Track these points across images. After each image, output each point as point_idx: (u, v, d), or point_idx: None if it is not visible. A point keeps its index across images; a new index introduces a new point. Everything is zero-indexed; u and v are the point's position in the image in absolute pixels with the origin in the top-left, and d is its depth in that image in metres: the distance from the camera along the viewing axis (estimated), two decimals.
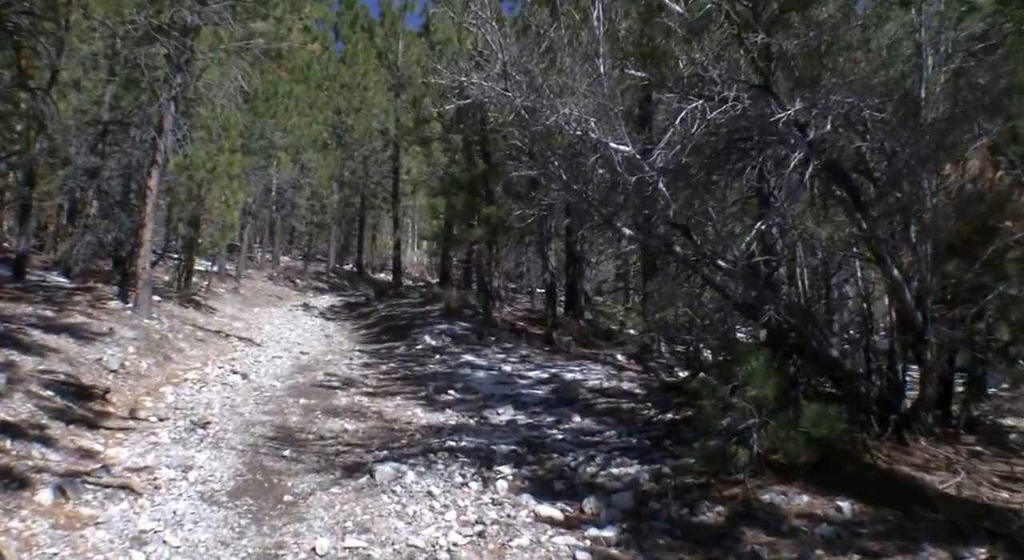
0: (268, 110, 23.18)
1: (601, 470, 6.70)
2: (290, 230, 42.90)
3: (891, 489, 5.75)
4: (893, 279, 6.45)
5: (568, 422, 8.45)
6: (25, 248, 15.26)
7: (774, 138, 5.95)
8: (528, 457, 7.13)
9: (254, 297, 24.46)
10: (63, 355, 9.14)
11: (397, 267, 28.96)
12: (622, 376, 11.21)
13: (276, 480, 6.41)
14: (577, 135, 5.59)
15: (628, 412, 8.88)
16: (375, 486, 6.28)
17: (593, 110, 5.50)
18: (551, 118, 5.53)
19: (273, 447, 7.34)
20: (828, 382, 7.22)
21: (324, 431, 8.13)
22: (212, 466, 6.58)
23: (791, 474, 6.03)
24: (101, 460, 6.36)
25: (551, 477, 6.61)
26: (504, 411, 9.03)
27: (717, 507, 5.71)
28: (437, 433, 8.04)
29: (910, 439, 6.53)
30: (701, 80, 5.82)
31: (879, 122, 5.58)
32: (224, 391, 9.79)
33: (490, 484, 6.35)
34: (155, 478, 6.08)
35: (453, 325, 16.40)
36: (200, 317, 16.54)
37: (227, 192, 18.85)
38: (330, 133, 33.17)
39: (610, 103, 5.60)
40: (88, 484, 5.65)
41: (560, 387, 10.12)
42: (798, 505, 5.64)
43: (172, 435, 7.47)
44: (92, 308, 12.48)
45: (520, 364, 12.27)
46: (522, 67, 5.87)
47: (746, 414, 5.92)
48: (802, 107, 5.04)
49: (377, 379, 11.44)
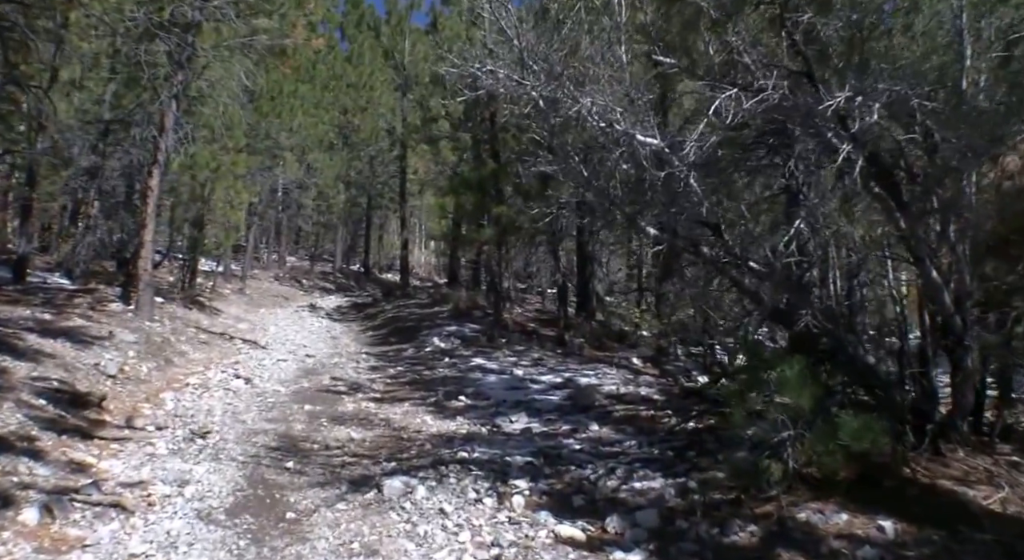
0: (273, 110, 22.85)
1: (622, 484, 6.31)
2: (296, 230, 42.70)
3: (933, 506, 5.38)
4: (932, 281, 6.08)
5: (585, 431, 8.06)
6: (26, 249, 14.95)
7: (811, 131, 5.55)
8: (545, 469, 6.73)
9: (260, 298, 24.15)
10: (59, 360, 8.78)
11: (404, 267, 28.60)
12: (639, 380, 10.81)
13: (278, 495, 6.03)
14: (601, 127, 5.18)
15: (647, 420, 8.48)
16: (383, 502, 5.89)
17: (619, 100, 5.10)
18: (573, 108, 5.12)
19: (276, 458, 6.96)
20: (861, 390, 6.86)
21: (330, 440, 7.76)
22: (210, 480, 6.20)
23: (827, 489, 5.63)
24: (93, 474, 5.98)
25: (570, 492, 6.21)
26: (517, 418, 8.64)
27: (750, 526, 5.31)
28: (448, 443, 7.66)
29: (946, 449, 6.15)
30: (733, 67, 5.42)
31: (928, 112, 5.16)
32: (226, 397, 9.42)
33: (506, 500, 5.95)
34: (149, 494, 5.69)
35: (462, 327, 16.02)
36: (204, 319, 16.20)
37: (231, 192, 18.54)
38: (336, 133, 32.85)
39: (637, 92, 5.21)
40: (77, 502, 5.27)
41: (575, 393, 9.72)
42: (836, 524, 5.25)
43: (170, 445, 7.09)
44: (92, 310, 12.14)
45: (532, 368, 11.88)
46: (540, 54, 5.46)
47: (779, 426, 5.52)
48: (851, 94, 4.61)
49: (385, 384, 11.06)
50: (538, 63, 5.46)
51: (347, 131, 33.70)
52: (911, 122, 5.87)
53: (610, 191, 5.79)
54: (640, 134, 5.14)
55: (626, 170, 5.50)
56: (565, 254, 18.71)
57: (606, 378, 10.85)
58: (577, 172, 5.75)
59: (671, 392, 9.96)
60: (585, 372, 11.34)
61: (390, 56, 28.59)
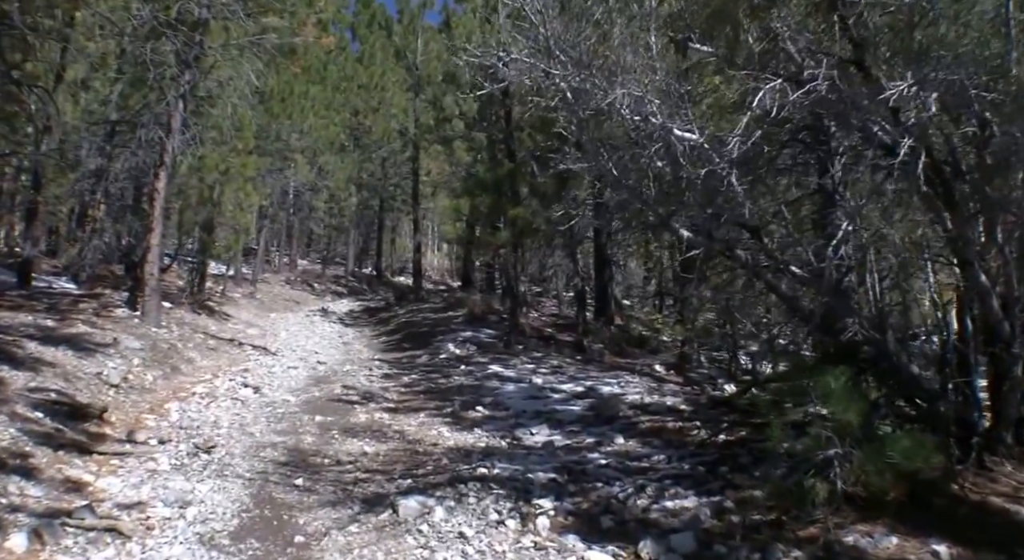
0: (284, 111, 22.52)
1: (653, 503, 5.89)
2: (308, 233, 42.52)
3: (988, 526, 5.03)
4: (979, 284, 5.72)
5: (610, 444, 7.63)
6: (31, 253, 14.64)
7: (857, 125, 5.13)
8: (569, 487, 6.30)
9: (270, 302, 23.82)
10: (59, 369, 8.42)
11: (417, 271, 28.20)
12: (663, 389, 10.38)
13: (286, 516, 5.63)
14: (636, 120, 4.76)
15: (675, 432, 8.05)
16: (398, 524, 5.49)
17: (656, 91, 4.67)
18: (605, 101, 4.68)
19: (284, 474, 6.56)
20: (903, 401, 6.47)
21: (341, 454, 7.36)
22: (214, 500, 5.80)
23: (875, 510, 5.24)
24: (89, 494, 5.60)
25: (597, 511, 5.80)
26: (538, 431, 8.22)
27: (794, 551, 4.91)
28: (466, 457, 7.24)
29: (991, 463, 5.77)
30: (775, 57, 5.00)
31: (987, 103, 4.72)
32: (234, 407, 9.04)
33: (530, 521, 5.54)
34: (148, 517, 5.30)
35: (478, 332, 15.61)
36: (213, 324, 15.86)
37: (241, 195, 18.17)
38: (347, 135, 32.51)
39: (675, 83, 4.79)
40: (69, 526, 4.88)
41: (598, 403, 9.27)
42: (887, 548, 4.87)
43: (173, 461, 6.70)
44: (97, 316, 11.78)
45: (551, 376, 11.44)
46: (568, 42, 5.03)
47: (823, 442, 5.11)
48: (913, 83, 4.19)
49: (398, 392, 10.66)
50: (565, 52, 5.04)
51: (359, 132, 33.38)
52: (962, 114, 5.48)
53: (642, 191, 5.36)
54: (678, 128, 4.71)
55: (661, 168, 5.07)
56: (582, 257, 18.32)
57: (629, 387, 10.42)
58: (607, 170, 5.32)
59: (698, 401, 9.53)
60: (607, 380, 10.91)
61: (402, 56, 28.24)
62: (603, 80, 4.82)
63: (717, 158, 4.69)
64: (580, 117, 5.30)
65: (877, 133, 5.24)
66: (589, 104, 4.96)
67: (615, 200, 6.43)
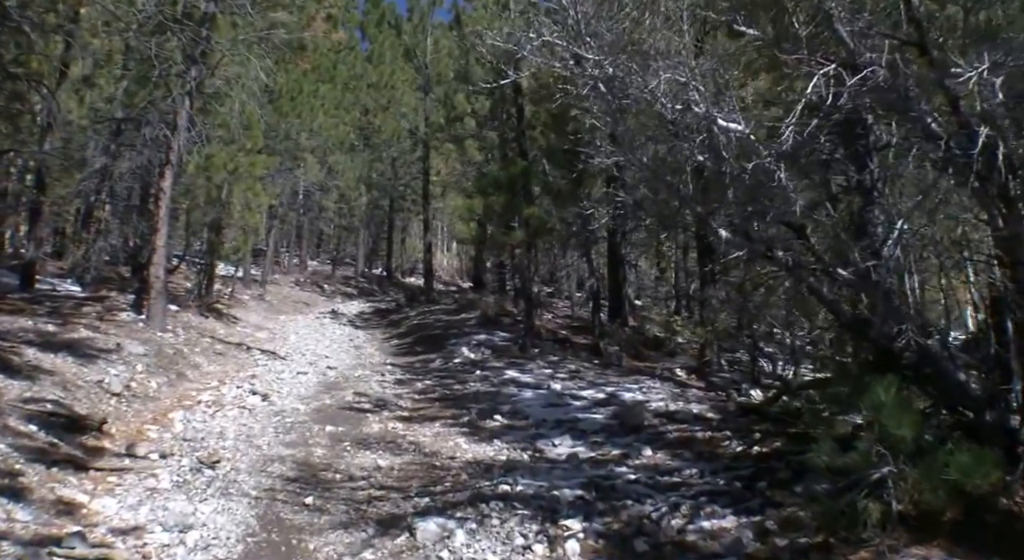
0: (293, 110, 22.16)
1: (689, 523, 5.48)
2: (318, 233, 42.17)
3: None
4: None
5: (638, 456, 7.20)
6: (34, 255, 14.27)
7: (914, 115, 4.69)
8: (598, 505, 5.86)
9: (280, 304, 23.45)
10: (58, 378, 8.04)
11: (428, 271, 27.80)
12: (687, 395, 9.93)
13: (295, 540, 5.23)
14: (677, 109, 4.32)
15: (705, 442, 7.62)
16: (416, 550, 5.08)
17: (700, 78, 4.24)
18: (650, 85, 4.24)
19: (293, 492, 6.16)
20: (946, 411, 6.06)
21: (354, 469, 6.94)
22: (218, 522, 5.38)
23: (928, 530, 4.83)
24: (82, 517, 5.19)
25: (629, 533, 5.38)
26: (561, 442, 7.80)
27: None
28: (487, 472, 6.80)
29: None
30: (825, 41, 4.56)
31: None
32: (241, 416, 8.63)
33: (558, 546, 5.12)
34: (144, 544, 4.87)
35: (492, 335, 15.17)
36: (220, 328, 15.48)
37: (250, 194, 17.77)
38: (357, 134, 32.18)
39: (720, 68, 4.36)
40: (57, 556, 4.47)
41: (621, 410, 8.82)
42: None
43: (174, 477, 6.29)
44: (100, 321, 11.40)
45: (570, 381, 11.00)
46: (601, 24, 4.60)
47: (874, 458, 4.70)
48: (989, 66, 3.75)
49: (412, 400, 10.23)
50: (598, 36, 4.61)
51: (368, 132, 33.00)
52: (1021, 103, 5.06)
53: (679, 187, 4.91)
54: (722, 118, 4.28)
55: (702, 162, 4.63)
56: (596, 257, 17.90)
57: (651, 392, 9.98)
58: (643, 164, 4.88)
59: (725, 409, 9.09)
60: (627, 385, 10.48)
61: (412, 55, 27.93)
62: (640, 66, 4.40)
63: (764, 151, 4.26)
64: (614, 107, 4.87)
65: (930, 124, 4.82)
66: (626, 92, 4.53)
67: (648, 198, 5.96)
